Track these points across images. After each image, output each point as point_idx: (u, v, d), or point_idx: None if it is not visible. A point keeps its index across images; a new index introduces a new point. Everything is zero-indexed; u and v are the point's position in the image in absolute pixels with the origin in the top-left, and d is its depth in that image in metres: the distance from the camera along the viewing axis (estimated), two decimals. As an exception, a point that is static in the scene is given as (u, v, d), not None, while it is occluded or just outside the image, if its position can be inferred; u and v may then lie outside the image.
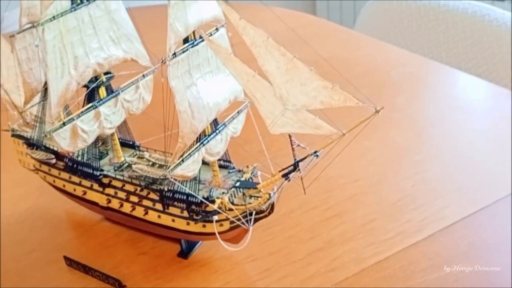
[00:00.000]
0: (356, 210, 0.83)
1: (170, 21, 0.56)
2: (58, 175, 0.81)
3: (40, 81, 0.75)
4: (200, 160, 0.64)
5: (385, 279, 0.69)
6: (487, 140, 0.98)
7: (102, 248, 0.81)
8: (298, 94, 0.55)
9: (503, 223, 0.77)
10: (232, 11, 0.55)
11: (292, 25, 1.76)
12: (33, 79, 0.74)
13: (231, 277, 0.73)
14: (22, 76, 0.73)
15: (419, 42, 1.47)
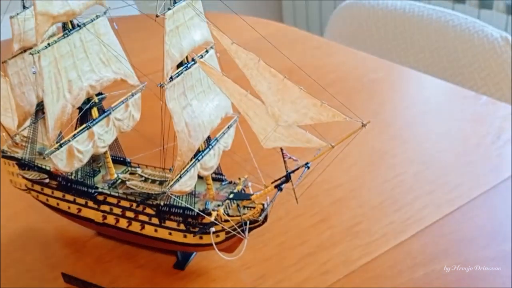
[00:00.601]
0: (341, 215, 0.87)
1: (166, 48, 0.59)
2: (51, 194, 0.83)
3: (32, 104, 0.77)
4: (196, 176, 0.67)
5: (374, 279, 0.74)
6: (456, 142, 1.04)
7: (98, 263, 0.83)
8: (289, 112, 0.58)
9: (479, 220, 0.83)
10: (224, 36, 0.58)
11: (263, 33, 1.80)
12: (26, 102, 0.75)
13: (228, 285, 0.76)
14: (15, 100, 0.74)
15: (387, 47, 1.53)
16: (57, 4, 0.64)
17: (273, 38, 1.64)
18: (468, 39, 1.32)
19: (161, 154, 0.69)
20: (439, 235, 0.81)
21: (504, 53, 1.24)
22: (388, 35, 1.54)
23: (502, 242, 0.78)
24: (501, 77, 1.25)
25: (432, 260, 0.76)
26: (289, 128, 0.60)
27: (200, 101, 0.64)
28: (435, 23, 1.43)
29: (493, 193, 0.88)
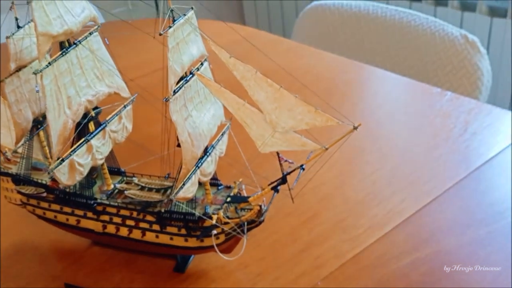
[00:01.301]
0: (327, 211, 0.92)
1: (170, 64, 0.62)
2: (48, 207, 0.85)
3: (29, 120, 0.79)
4: (197, 182, 0.71)
5: (365, 269, 0.79)
6: (427, 136, 1.11)
7: (99, 272, 0.85)
8: (286, 118, 0.63)
9: (454, 209, 0.90)
10: (222, 50, 0.62)
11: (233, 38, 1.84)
12: (23, 119, 0.77)
13: (227, 285, 0.80)
14: (13, 117, 0.76)
15: (354, 48, 1.60)
16: (56, 24, 0.67)
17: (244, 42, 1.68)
18: (430, 38, 1.40)
19: (161, 162, 0.73)
20: (419, 225, 0.87)
21: (464, 50, 1.33)
22: (354, 36, 1.61)
23: (477, 228, 0.84)
24: (463, 73, 1.33)
25: (416, 248, 0.82)
26: (285, 133, 0.64)
27: (198, 111, 0.68)
28: (398, 24, 1.50)
29: (465, 183, 0.95)
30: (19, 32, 0.73)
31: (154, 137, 0.78)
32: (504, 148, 1.02)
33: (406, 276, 0.78)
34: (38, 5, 0.64)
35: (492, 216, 0.86)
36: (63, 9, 0.68)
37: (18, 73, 0.75)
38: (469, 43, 1.32)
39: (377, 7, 1.57)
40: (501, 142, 1.05)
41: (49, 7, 0.66)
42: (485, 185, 0.94)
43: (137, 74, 0.79)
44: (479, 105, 1.20)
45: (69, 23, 0.68)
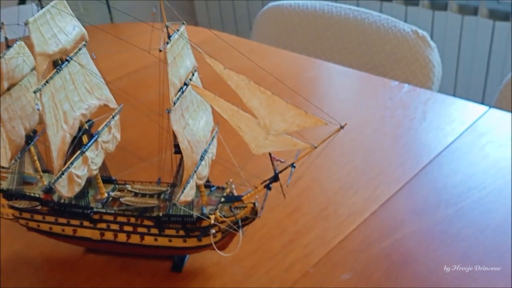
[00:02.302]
0: (308, 203, 0.99)
1: (169, 77, 0.66)
2: (43, 219, 0.87)
3: (22, 137, 0.80)
4: (195, 185, 0.75)
5: (350, 254, 0.86)
6: (392, 127, 1.19)
7: (97, 278, 0.88)
8: (279, 122, 0.69)
9: (423, 192, 0.98)
10: (217, 63, 0.67)
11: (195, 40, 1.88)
12: (17, 136, 0.79)
13: (225, 279, 0.85)
14: (8, 135, 0.78)
15: (312, 46, 1.67)
16: (51, 44, 0.69)
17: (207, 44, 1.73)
18: (384, 35, 1.49)
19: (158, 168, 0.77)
20: (394, 209, 0.95)
21: (416, 45, 1.42)
22: (311, 35, 1.68)
23: (446, 207, 0.93)
24: (416, 66, 1.43)
25: (394, 231, 0.90)
26: (278, 135, 0.70)
27: (194, 119, 0.72)
28: (353, 22, 1.58)
29: (430, 168, 1.04)
30: (10, 51, 0.75)
31: (134, 142, 0.81)
32: (460, 134, 1.12)
33: (388, 257, 0.85)
34: (35, 27, 0.67)
35: (457, 196, 0.95)
36: (57, 29, 0.70)
37: (10, 91, 0.77)
38: (420, 38, 1.42)
39: (331, 7, 1.64)
40: (456, 128, 1.14)
41: (44, 27, 0.68)
42: (447, 168, 1.03)
43: (111, 78, 0.82)
44: (434, 95, 1.30)
45: (63, 41, 0.71)
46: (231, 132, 0.79)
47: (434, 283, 0.79)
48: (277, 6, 1.78)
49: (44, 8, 0.69)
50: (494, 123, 1.15)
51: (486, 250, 0.84)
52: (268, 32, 1.82)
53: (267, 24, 1.82)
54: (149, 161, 0.89)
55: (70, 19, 0.74)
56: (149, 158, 0.98)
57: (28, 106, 0.81)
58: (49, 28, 0.69)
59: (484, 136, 1.10)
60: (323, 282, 0.82)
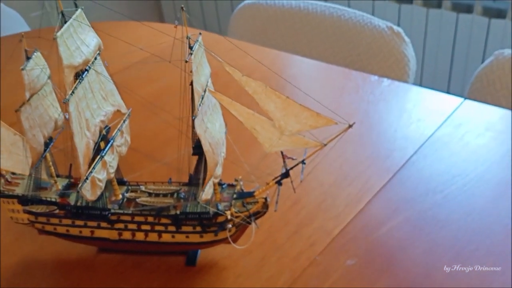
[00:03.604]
0: (307, 196, 1.05)
1: (194, 86, 0.71)
2: (59, 222, 0.90)
3: (41, 144, 0.83)
4: (212, 184, 0.80)
5: (351, 242, 0.93)
6: (376, 120, 1.27)
7: (113, 276, 0.92)
8: (293, 123, 0.74)
9: (414, 179, 1.06)
10: (235, 70, 0.72)
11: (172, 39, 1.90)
12: (37, 144, 0.82)
13: (239, 271, 0.90)
14: (29, 143, 0.80)
15: (291, 43, 1.73)
16: (76, 56, 0.73)
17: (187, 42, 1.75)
18: (361, 31, 1.57)
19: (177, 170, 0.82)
20: (387, 198, 1.02)
21: (391, 40, 1.51)
22: (288, 32, 1.74)
23: (434, 194, 1.01)
24: (392, 61, 1.51)
25: (389, 218, 0.97)
26: (291, 135, 0.76)
27: (211, 123, 0.77)
28: (329, 18, 1.65)
29: (415, 159, 1.12)
30: (30, 63, 0.78)
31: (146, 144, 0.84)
32: (440, 125, 1.21)
33: (386, 243, 0.93)
34: (62, 40, 0.70)
35: (443, 183, 1.04)
36: (79, 41, 0.74)
37: (30, 101, 0.79)
38: (395, 34, 1.50)
39: (307, 4, 1.71)
40: (435, 119, 1.23)
41: (69, 41, 0.72)
42: (431, 158, 1.12)
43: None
44: (412, 88, 1.39)
45: (85, 53, 0.74)
46: (235, 132, 0.85)
47: (432, 266, 0.86)
48: (253, 4, 1.83)
49: (68, 22, 0.72)
50: (470, 113, 1.24)
51: (475, 232, 0.93)
52: (245, 30, 1.87)
53: (243, 22, 1.87)
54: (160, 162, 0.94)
55: (88, 30, 0.77)
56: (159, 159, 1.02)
57: (45, 114, 0.83)
58: (73, 41, 0.72)
59: (462, 126, 1.19)
60: (330, 268, 0.89)
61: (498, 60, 1.34)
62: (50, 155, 0.88)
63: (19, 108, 0.78)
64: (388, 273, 0.87)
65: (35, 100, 0.81)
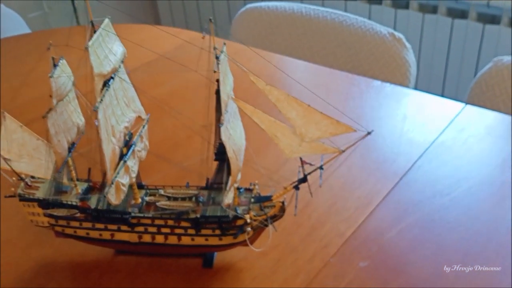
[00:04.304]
0: (318, 199, 1.08)
1: (222, 96, 0.73)
2: (80, 226, 0.92)
3: (65, 149, 0.85)
4: (233, 189, 0.83)
5: (364, 244, 0.97)
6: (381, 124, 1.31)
7: (132, 278, 0.94)
8: (314, 130, 0.77)
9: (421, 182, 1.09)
10: (259, 80, 0.75)
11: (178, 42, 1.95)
12: (62, 149, 0.84)
13: (255, 272, 0.93)
14: (54, 148, 0.82)
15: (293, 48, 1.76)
16: (105, 65, 0.75)
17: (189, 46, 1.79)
18: (362, 36, 1.60)
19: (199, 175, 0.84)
20: (396, 200, 1.06)
21: (393, 46, 1.54)
22: (291, 37, 1.77)
23: (440, 197, 1.05)
24: (394, 66, 1.55)
25: (398, 220, 1.01)
26: (311, 142, 0.79)
27: (233, 129, 0.80)
28: (331, 24, 1.68)
29: (420, 163, 1.15)
30: (57, 70, 0.80)
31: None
32: (443, 130, 1.25)
33: (397, 245, 0.96)
34: (92, 50, 0.72)
35: (449, 186, 1.08)
36: (107, 50, 0.76)
37: (56, 108, 0.81)
38: (396, 40, 1.54)
39: (309, 9, 1.74)
40: (438, 124, 1.27)
41: (98, 50, 0.74)
42: (436, 162, 1.15)
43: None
44: (414, 93, 1.43)
45: (113, 61, 0.77)
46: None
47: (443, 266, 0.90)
48: (255, 8, 1.86)
49: (97, 32, 0.74)
50: (471, 118, 1.28)
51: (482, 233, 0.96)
52: (246, 34, 1.89)
53: (244, 26, 1.90)
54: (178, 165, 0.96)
55: (115, 38, 0.79)
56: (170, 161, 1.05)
57: (68, 120, 0.85)
58: (102, 50, 0.74)
59: (464, 131, 1.23)
60: (344, 270, 0.92)
61: (497, 67, 1.38)
62: (71, 160, 0.90)
63: (46, 114, 0.80)
64: (401, 274, 0.90)
65: (60, 106, 0.83)
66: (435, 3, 2.15)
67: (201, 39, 0.80)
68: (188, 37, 1.87)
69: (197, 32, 1.95)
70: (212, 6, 2.86)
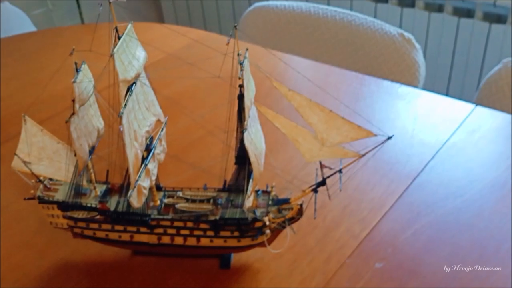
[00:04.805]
0: (331, 201, 1.09)
1: (245, 101, 0.74)
2: (99, 227, 0.93)
3: (87, 153, 0.86)
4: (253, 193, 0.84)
5: (379, 245, 0.98)
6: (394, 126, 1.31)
7: (151, 278, 0.95)
8: (335, 135, 0.78)
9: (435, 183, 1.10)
10: (282, 86, 0.76)
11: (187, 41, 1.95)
12: (83, 153, 0.84)
13: (272, 273, 0.94)
14: (76, 152, 0.83)
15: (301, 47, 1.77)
16: (129, 70, 0.75)
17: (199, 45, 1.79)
18: (372, 36, 1.61)
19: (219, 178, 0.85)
20: (410, 202, 1.07)
21: (402, 47, 1.55)
22: (299, 37, 1.77)
23: (454, 199, 1.06)
24: (403, 66, 1.56)
25: (412, 222, 1.02)
26: (332, 146, 0.80)
27: (254, 134, 0.81)
28: (339, 23, 1.69)
29: (433, 164, 1.17)
30: (79, 75, 0.80)
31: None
32: (454, 131, 1.26)
33: (412, 246, 0.97)
34: (117, 56, 0.73)
35: (462, 188, 1.09)
36: (131, 56, 0.76)
37: (78, 112, 0.82)
38: (405, 40, 1.54)
39: (317, 9, 1.74)
40: (449, 125, 1.28)
41: (122, 56, 0.74)
42: (448, 163, 1.17)
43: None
44: (423, 94, 1.44)
45: (136, 66, 0.77)
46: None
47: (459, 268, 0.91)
48: (263, 7, 1.86)
49: (121, 38, 0.75)
50: (482, 120, 1.29)
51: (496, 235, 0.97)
52: (254, 33, 1.90)
53: (253, 25, 1.90)
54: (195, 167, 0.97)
55: (137, 43, 0.80)
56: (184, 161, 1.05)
57: (89, 124, 0.86)
58: (126, 56, 0.75)
59: (475, 133, 1.25)
60: (360, 271, 0.93)
61: (506, 68, 1.39)
62: (91, 162, 0.91)
63: (69, 118, 0.80)
64: (417, 274, 0.92)
65: (81, 110, 0.84)
66: (441, 2, 2.16)
67: (215, 40, 0.81)
68: (197, 36, 1.88)
69: (205, 31, 1.96)
70: (216, 5, 2.86)
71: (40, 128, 0.87)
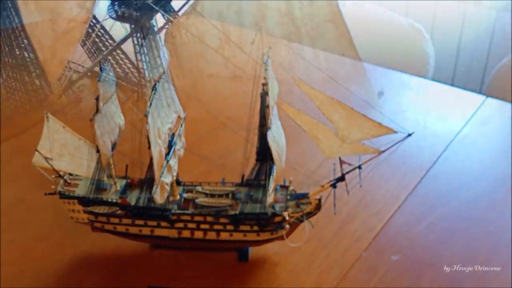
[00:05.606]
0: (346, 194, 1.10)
1: (270, 101, 0.75)
2: (119, 222, 0.94)
3: (110, 150, 0.87)
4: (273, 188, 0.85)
5: (395, 237, 0.99)
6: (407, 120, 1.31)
7: (170, 271, 0.96)
8: (356, 132, 0.79)
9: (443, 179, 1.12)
10: (304, 84, 0.77)
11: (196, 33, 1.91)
12: (107, 150, 0.85)
13: (290, 266, 0.96)
14: (100, 149, 0.84)
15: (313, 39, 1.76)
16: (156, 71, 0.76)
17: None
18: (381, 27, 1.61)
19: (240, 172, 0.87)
20: (424, 194, 1.08)
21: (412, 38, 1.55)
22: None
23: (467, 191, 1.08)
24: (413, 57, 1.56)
25: (426, 214, 1.03)
26: (352, 143, 0.81)
27: (276, 132, 0.82)
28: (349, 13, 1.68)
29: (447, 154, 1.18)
30: (103, 75, 0.81)
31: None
32: (466, 123, 1.27)
33: (426, 238, 0.99)
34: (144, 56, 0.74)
35: (474, 179, 1.10)
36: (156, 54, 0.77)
37: (101, 110, 0.83)
38: (415, 30, 1.55)
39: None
40: (459, 117, 1.29)
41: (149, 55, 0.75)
42: (461, 154, 1.18)
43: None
44: (434, 85, 1.44)
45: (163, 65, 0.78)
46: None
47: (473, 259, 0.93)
48: (271, -4, 1.85)
49: (147, 38, 0.75)
50: (493, 111, 1.30)
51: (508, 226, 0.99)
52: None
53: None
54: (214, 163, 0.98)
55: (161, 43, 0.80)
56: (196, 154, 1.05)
57: (111, 121, 0.87)
58: (152, 56, 0.76)
59: (486, 124, 1.26)
60: (377, 263, 0.95)
61: (517, 59, 1.40)
62: (112, 159, 0.92)
63: (93, 117, 0.81)
64: (432, 266, 0.93)
65: (104, 108, 0.84)
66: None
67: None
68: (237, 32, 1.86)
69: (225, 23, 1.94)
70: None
71: (62, 125, 0.88)
